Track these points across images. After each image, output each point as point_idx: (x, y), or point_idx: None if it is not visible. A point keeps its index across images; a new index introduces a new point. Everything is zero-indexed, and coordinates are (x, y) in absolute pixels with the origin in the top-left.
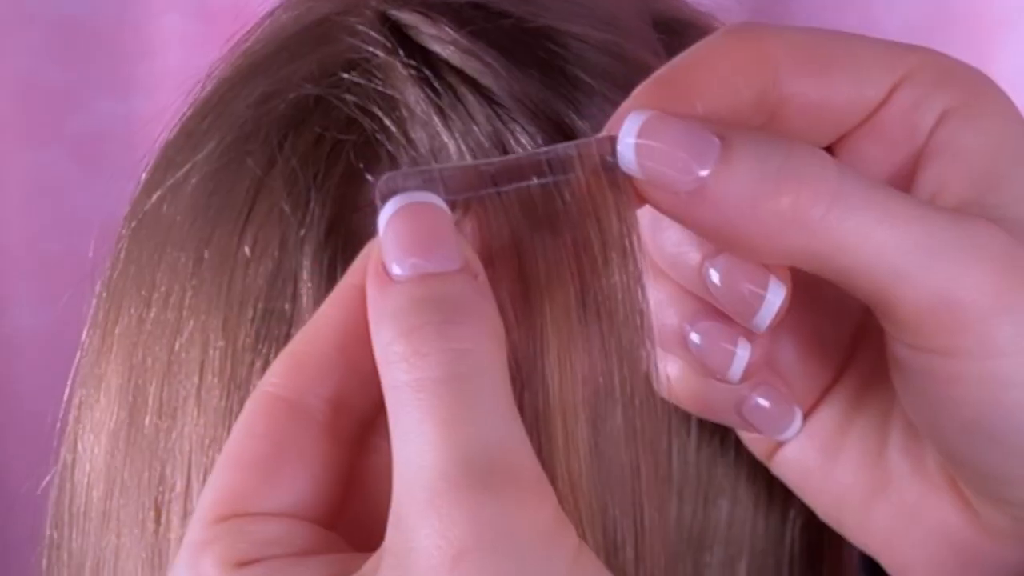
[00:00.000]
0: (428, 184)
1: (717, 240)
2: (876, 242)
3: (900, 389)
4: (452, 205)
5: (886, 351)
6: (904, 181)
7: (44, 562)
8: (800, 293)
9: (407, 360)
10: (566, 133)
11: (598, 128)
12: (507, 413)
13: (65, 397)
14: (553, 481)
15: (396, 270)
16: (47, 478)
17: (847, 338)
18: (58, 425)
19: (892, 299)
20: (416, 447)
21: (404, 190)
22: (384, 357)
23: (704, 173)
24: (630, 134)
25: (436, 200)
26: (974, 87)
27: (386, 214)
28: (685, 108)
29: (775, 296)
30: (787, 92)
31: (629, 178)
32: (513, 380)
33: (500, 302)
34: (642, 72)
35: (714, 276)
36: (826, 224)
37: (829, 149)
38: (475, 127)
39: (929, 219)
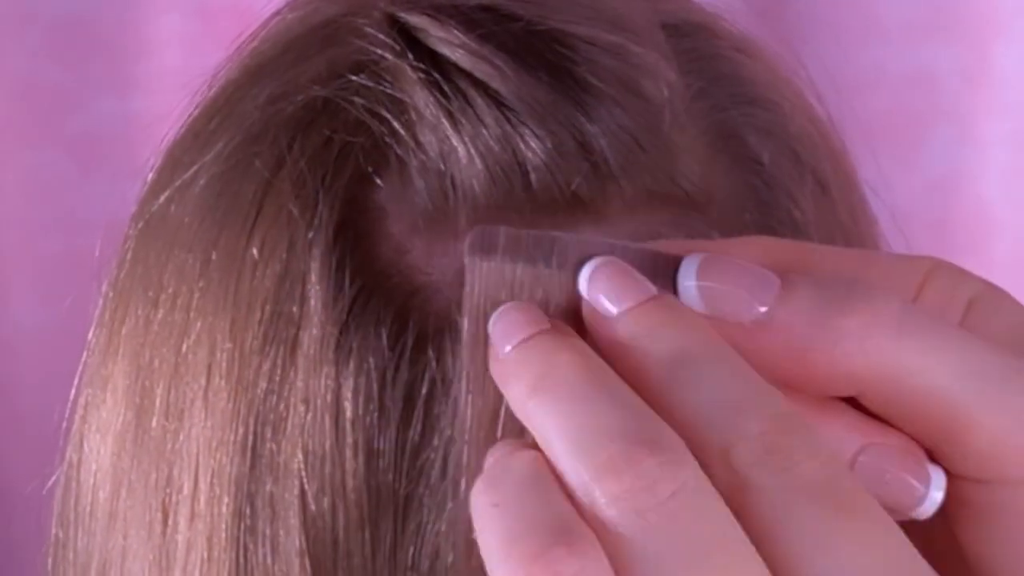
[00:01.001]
0: None
1: (785, 374)
2: (949, 363)
3: (962, 532)
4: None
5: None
6: None
7: (49, 561)
8: None
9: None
10: (575, 136)
11: (605, 132)
12: None
13: (71, 396)
14: None
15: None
16: (53, 477)
17: None
18: (64, 424)
19: (965, 423)
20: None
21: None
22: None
23: (764, 309)
24: (689, 277)
25: None
26: (985, 280)
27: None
28: None
29: (937, 488)
30: None
31: None
32: None
33: None
34: (651, 75)
35: (867, 468)
36: (896, 344)
37: None
38: (484, 130)
39: (999, 348)
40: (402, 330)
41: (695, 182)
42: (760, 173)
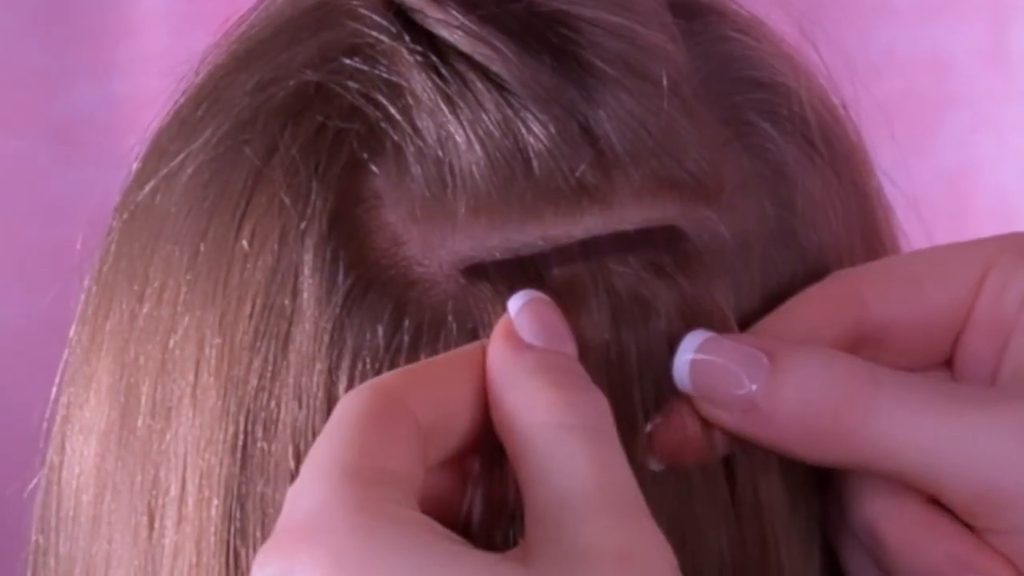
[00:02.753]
0: None
1: (773, 450)
2: (915, 445)
3: None
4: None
5: None
6: None
7: (30, 569)
8: None
9: (557, 406)
10: (579, 121)
11: (611, 117)
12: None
13: (52, 395)
14: None
15: (532, 341)
16: (34, 481)
17: None
18: (44, 425)
19: (941, 491)
20: (570, 474)
21: None
22: (527, 400)
23: (754, 387)
24: (688, 351)
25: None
26: None
27: (517, 302)
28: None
29: None
30: (884, 319)
31: None
32: None
33: None
34: (658, 58)
35: None
36: (866, 435)
37: (951, 360)
38: (484, 115)
39: (966, 412)
40: (398, 325)
41: (705, 168)
42: (771, 160)
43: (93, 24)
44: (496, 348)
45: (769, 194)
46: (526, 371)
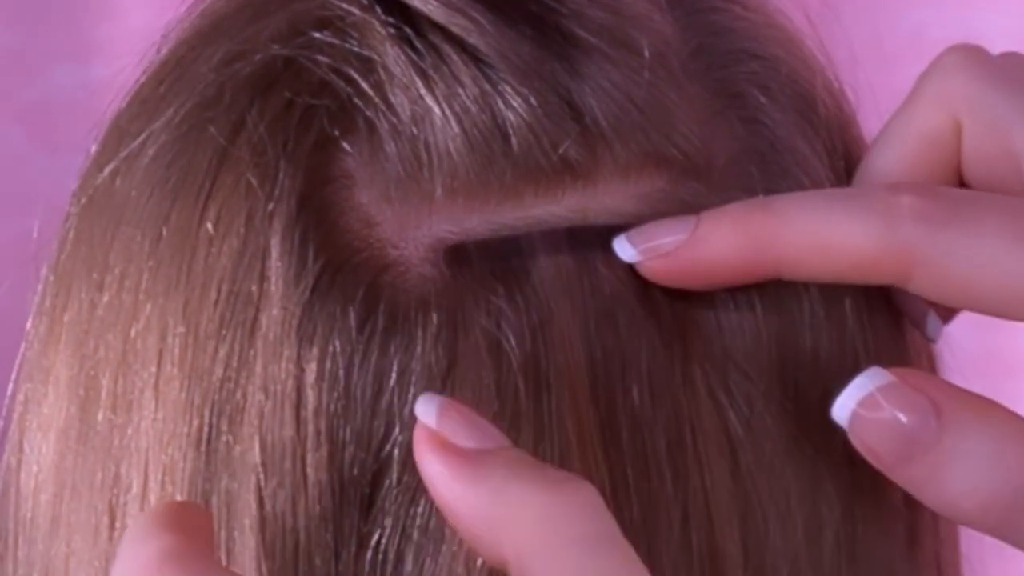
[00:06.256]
0: None
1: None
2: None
3: None
4: None
5: None
6: None
7: None
8: None
9: (551, 518)
10: (561, 95)
11: (595, 90)
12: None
13: (8, 394)
14: None
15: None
16: None
17: None
18: (0, 424)
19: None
20: None
21: None
22: (514, 518)
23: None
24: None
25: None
26: None
27: (431, 408)
28: None
29: None
30: None
31: None
32: None
33: None
34: (644, 28)
35: None
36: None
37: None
38: (461, 89)
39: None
40: (372, 309)
41: (694, 143)
42: (765, 134)
43: (70, 5)
44: (438, 465)
45: (763, 170)
46: (496, 480)
